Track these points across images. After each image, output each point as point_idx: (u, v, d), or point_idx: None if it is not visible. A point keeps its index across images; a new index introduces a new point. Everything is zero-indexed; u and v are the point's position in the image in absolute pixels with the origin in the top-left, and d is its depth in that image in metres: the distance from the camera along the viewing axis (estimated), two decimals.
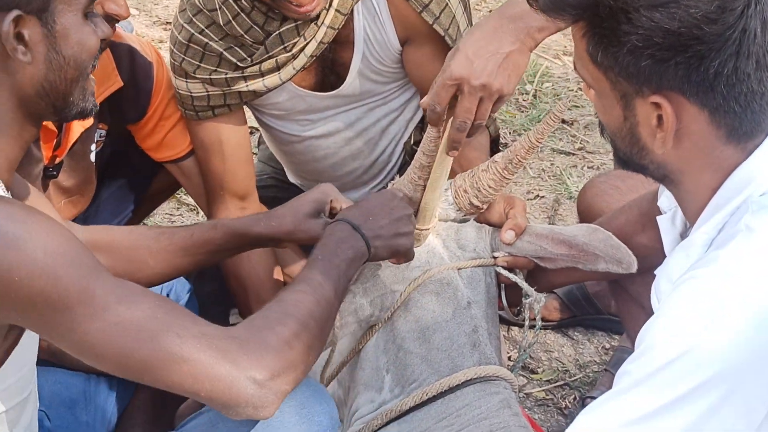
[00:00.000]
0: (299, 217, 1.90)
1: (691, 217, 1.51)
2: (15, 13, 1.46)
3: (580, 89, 4.14)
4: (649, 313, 1.46)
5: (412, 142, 2.58)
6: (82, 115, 1.61)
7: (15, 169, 1.59)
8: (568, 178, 3.63)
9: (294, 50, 2.22)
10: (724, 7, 1.31)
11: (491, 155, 2.26)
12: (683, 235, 1.63)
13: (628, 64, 1.37)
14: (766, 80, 1.37)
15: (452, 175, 1.99)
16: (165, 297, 1.49)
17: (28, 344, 1.58)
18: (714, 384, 1.28)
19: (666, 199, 1.74)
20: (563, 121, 3.98)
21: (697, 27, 1.32)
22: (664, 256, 1.60)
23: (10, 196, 1.53)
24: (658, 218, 1.70)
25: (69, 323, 1.39)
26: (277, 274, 2.50)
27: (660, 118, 1.40)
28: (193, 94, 2.32)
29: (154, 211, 3.09)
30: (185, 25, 2.26)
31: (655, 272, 1.56)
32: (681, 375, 1.29)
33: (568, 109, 4.04)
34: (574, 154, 3.81)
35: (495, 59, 1.75)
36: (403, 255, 1.86)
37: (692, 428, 1.30)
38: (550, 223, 3.36)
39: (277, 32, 2.20)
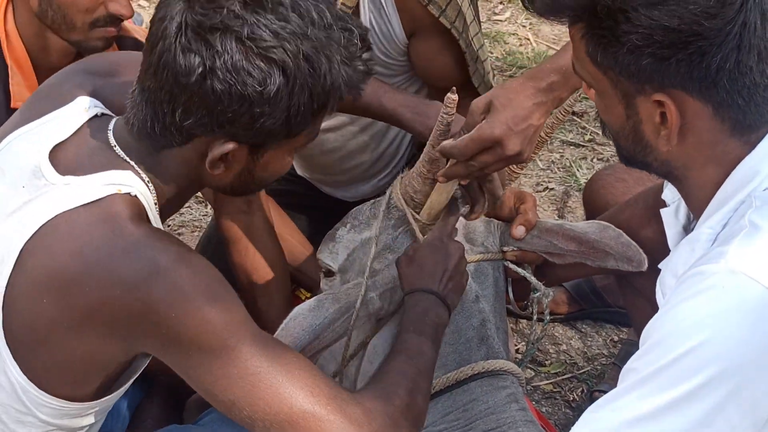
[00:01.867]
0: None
1: (696, 211, 1.50)
2: (232, 145, 1.49)
3: None
4: (655, 306, 1.45)
5: None
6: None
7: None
8: (578, 170, 3.62)
9: None
10: (723, 1, 1.30)
11: None
12: (687, 228, 1.62)
13: (628, 63, 1.36)
14: None
15: None
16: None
17: None
18: (720, 381, 1.28)
19: (669, 192, 1.73)
20: (573, 113, 3.96)
21: (697, 23, 1.30)
22: (669, 250, 1.59)
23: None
24: (662, 211, 1.69)
25: (209, 365, 1.44)
26: (285, 268, 2.49)
27: (663, 115, 1.39)
28: None
29: None
30: None
31: (660, 266, 1.56)
32: (687, 372, 1.29)
33: (578, 101, 4.01)
34: (583, 146, 3.79)
35: (527, 132, 1.80)
36: None
37: (698, 426, 1.29)
38: (559, 215, 3.35)
39: None
